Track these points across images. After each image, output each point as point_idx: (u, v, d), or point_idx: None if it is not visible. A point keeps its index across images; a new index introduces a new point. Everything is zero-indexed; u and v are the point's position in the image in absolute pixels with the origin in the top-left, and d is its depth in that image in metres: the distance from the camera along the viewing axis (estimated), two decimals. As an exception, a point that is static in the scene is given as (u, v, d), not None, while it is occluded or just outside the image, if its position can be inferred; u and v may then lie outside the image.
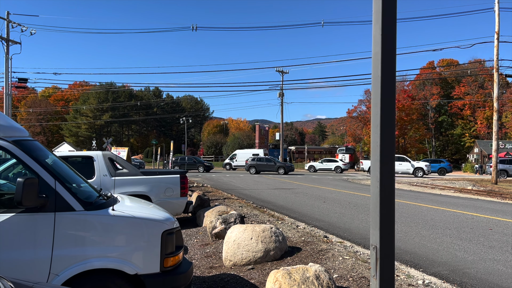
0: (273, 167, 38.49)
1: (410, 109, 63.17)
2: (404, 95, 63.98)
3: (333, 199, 16.02)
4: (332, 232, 9.06)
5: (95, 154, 8.89)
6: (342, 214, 11.93)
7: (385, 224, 1.94)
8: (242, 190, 19.68)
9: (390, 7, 1.92)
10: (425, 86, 71.92)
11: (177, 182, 9.27)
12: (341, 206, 13.82)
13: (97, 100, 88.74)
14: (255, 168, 38.37)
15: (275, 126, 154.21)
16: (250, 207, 12.43)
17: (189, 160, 43.68)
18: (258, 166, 38.64)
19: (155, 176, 9.21)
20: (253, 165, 38.70)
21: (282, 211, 12.22)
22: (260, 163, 38.94)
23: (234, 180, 28.27)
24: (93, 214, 3.58)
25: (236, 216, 8.32)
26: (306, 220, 10.59)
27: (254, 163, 38.96)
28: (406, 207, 13.89)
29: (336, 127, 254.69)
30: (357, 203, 14.92)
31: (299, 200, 15.75)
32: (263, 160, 39.27)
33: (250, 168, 38.74)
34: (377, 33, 2.01)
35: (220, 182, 25.31)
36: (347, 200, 15.70)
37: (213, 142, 78.63)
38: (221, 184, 23.94)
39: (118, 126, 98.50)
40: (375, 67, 2.06)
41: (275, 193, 18.68)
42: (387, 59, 2.01)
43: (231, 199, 14.50)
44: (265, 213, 11.16)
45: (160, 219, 3.84)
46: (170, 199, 9.08)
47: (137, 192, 8.64)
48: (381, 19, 1.95)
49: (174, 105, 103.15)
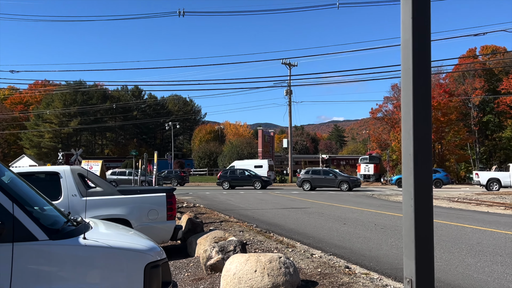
0: (334, 182, 37.78)
1: (447, 108, 62.91)
2: (440, 91, 63.58)
3: (355, 220, 15.99)
4: (355, 261, 9.02)
5: (62, 169, 8.89)
6: (367, 239, 11.90)
7: (422, 252, 1.92)
8: (242, 211, 19.68)
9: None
10: (465, 79, 71.78)
11: (162, 202, 9.26)
12: (365, 229, 13.77)
13: (64, 103, 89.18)
14: (310, 184, 37.84)
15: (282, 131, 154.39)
16: (253, 231, 12.40)
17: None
18: (314, 180, 38.11)
19: (135, 196, 9.21)
20: (308, 180, 38.14)
21: (292, 236, 12.20)
22: (317, 176, 38.36)
23: (232, 198, 28.27)
24: (60, 244, 3.56)
25: (236, 243, 8.30)
26: (322, 247, 10.56)
27: (309, 176, 38.34)
28: (446, 228, 13.84)
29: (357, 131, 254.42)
30: (386, 224, 14.88)
31: (313, 221, 15.72)
32: (320, 173, 38.78)
33: (303, 183, 38.17)
34: (406, 15, 2.01)
35: (215, 201, 25.29)
36: (372, 221, 15.67)
37: (206, 151, 78.69)
38: (217, 203, 23.93)
39: (89, 134, 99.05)
40: (405, 57, 2.07)
41: (283, 213, 18.67)
42: (420, 47, 2.01)
43: (230, 222, 14.49)
44: (272, 239, 11.14)
45: (142, 249, 3.83)
46: (154, 223, 9.08)
47: (114, 215, 8.64)
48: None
49: (158, 108, 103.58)
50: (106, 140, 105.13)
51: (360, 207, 21.43)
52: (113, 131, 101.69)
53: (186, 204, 22.11)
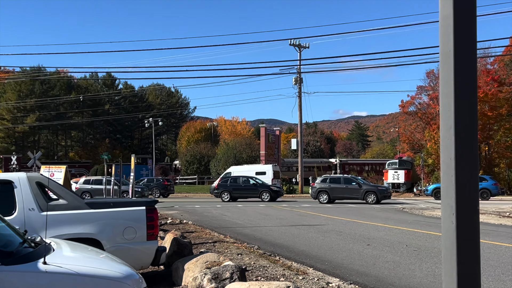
0: (357, 192, 37.53)
1: (496, 100, 62.52)
2: (487, 78, 63.31)
3: (381, 240, 15.98)
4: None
5: (16, 177, 8.87)
6: (397, 264, 11.88)
7: (467, 280, 1.92)
8: (241, 229, 19.68)
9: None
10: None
11: (141, 218, 9.23)
12: (394, 251, 13.76)
13: (18, 95, 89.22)
14: (328, 194, 37.62)
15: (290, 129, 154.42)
16: (255, 254, 12.40)
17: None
18: (333, 190, 37.85)
19: (108, 210, 9.18)
20: (325, 190, 37.94)
21: (303, 260, 12.20)
22: (337, 186, 38.10)
23: (228, 212, 28.29)
24: (14, 270, 3.54)
25: (233, 269, 8.29)
26: (341, 274, 10.56)
27: (326, 186, 38.12)
28: (496, 250, 13.81)
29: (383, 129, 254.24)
30: (420, 245, 14.88)
31: (329, 242, 15.72)
32: (340, 182, 38.54)
33: (319, 193, 38.00)
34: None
35: (207, 217, 25.30)
36: (402, 241, 15.67)
37: (196, 154, 78.86)
38: (209, 219, 23.93)
39: (50, 133, 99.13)
40: (444, 37, 2.06)
41: (291, 231, 18.68)
42: (463, 24, 2.00)
43: (225, 243, 14.50)
44: (278, 264, 11.14)
45: (117, 276, 3.82)
46: (131, 244, 9.05)
47: (81, 234, 8.61)
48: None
49: (135, 100, 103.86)
50: (71, 140, 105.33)
51: (387, 224, 21.42)
52: (79, 130, 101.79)
53: (171, 220, 22.10)
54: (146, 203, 9.56)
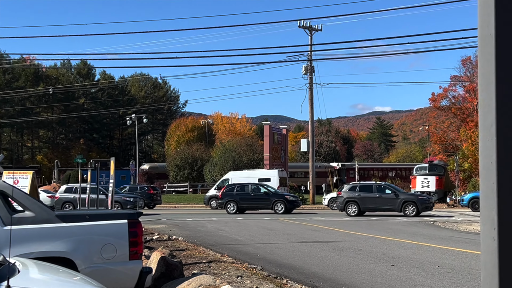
0: (394, 203, 37.40)
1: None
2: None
3: (408, 260, 15.99)
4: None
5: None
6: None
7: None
8: (241, 246, 19.71)
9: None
10: None
11: (123, 233, 9.19)
12: (423, 273, 13.77)
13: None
14: (358, 205, 37.55)
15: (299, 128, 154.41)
16: (258, 276, 12.38)
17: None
18: (364, 200, 37.76)
19: (83, 224, 9.16)
20: (355, 200, 37.86)
21: (315, 284, 12.21)
22: (369, 195, 38.00)
23: (226, 227, 28.36)
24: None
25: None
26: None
27: (355, 195, 38.03)
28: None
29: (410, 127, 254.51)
30: (454, 266, 14.90)
31: (346, 262, 15.72)
32: (372, 190, 38.47)
33: (348, 204, 37.90)
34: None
35: (201, 232, 25.36)
36: (434, 261, 15.68)
37: (187, 158, 78.83)
38: (203, 234, 23.99)
39: (13, 132, 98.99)
40: (483, 18, 2.07)
41: (301, 249, 18.69)
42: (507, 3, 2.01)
43: (222, 263, 14.44)
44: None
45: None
46: (111, 264, 9.02)
47: (52, 252, 8.58)
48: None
49: (115, 93, 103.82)
50: (39, 141, 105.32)
51: (415, 240, 21.36)
52: (49, 128, 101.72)
53: (157, 236, 22.08)
54: (129, 215, 9.54)
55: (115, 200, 39.23)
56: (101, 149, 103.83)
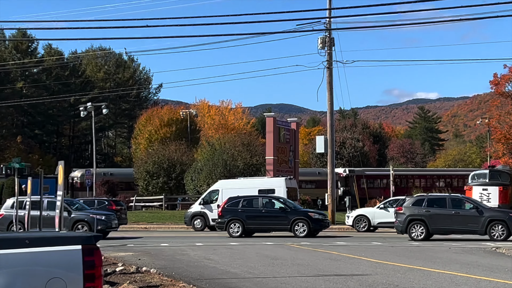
0: (476, 222, 37.35)
1: None
2: None
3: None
4: None
5: None
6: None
7: None
8: (236, 281, 19.69)
9: None
10: None
11: (75, 264, 9.09)
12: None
13: None
14: (426, 225, 37.59)
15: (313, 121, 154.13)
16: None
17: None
18: (435, 219, 37.85)
19: (22, 251, 9.09)
20: (421, 218, 38.04)
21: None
22: (441, 211, 38.20)
23: (215, 255, 28.32)
24: None
25: None
26: None
27: (422, 211, 38.09)
28: None
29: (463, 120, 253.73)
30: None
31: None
32: (445, 205, 38.67)
33: (412, 224, 38.07)
34: None
35: (181, 261, 25.35)
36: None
37: (162, 162, 78.58)
38: (185, 265, 23.94)
39: None
40: None
41: (316, 286, 18.61)
42: None
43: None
44: None
45: None
46: (57, 307, 8.93)
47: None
48: None
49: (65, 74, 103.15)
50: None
51: (472, 274, 21.18)
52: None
53: (122, 267, 21.95)
54: (83, 239, 9.41)
55: (81, 218, 39.80)
56: (46, 149, 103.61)
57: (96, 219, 39.94)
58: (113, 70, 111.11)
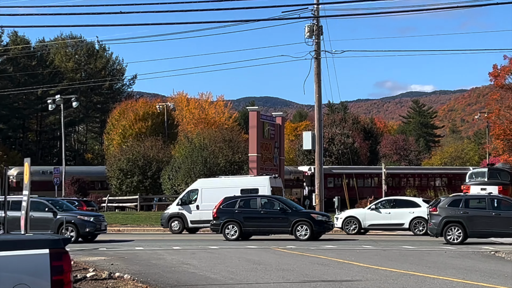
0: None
1: None
2: None
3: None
4: None
5: None
6: None
7: None
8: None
9: None
10: None
11: (42, 269, 8.99)
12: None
13: None
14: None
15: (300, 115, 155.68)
16: None
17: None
18: (473, 221, 38.20)
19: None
20: (459, 220, 38.21)
21: None
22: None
23: (194, 259, 28.51)
24: None
25: None
26: None
27: (460, 213, 38.38)
28: None
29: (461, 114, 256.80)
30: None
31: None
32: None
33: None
34: None
35: (157, 266, 25.52)
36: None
37: (136, 158, 78.67)
38: (161, 270, 24.15)
39: None
40: None
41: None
42: None
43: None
44: None
45: None
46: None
47: None
48: None
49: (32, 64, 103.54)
50: None
51: (470, 280, 21.46)
52: None
53: (93, 272, 22.05)
54: (51, 242, 9.40)
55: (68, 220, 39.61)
56: (11, 145, 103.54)
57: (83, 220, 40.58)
58: (84, 60, 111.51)
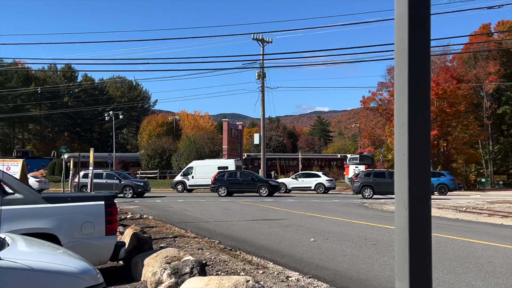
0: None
1: (455, 96, 63.35)
2: (446, 75, 64.18)
3: (340, 235, 16.16)
4: (340, 285, 9.12)
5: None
6: (355, 257, 12.03)
7: (418, 273, 1.95)
8: (202, 223, 19.61)
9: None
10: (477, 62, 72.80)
11: (100, 213, 9.09)
12: (353, 245, 13.93)
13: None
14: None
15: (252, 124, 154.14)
16: (216, 249, 12.38)
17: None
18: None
19: (66, 204, 9.03)
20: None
21: (264, 255, 12.25)
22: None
23: (190, 207, 28.16)
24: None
25: (193, 263, 8.27)
26: (300, 268, 10.62)
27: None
28: (451, 244, 14.08)
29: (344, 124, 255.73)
30: (378, 239, 15.10)
31: (289, 236, 15.81)
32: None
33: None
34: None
35: (168, 212, 25.16)
36: (361, 235, 15.88)
37: (157, 149, 78.04)
38: (170, 214, 23.80)
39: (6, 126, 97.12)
40: (399, 35, 2.11)
41: (253, 226, 18.71)
42: (417, 22, 2.05)
43: (186, 238, 14.41)
44: (239, 258, 11.13)
45: (73, 271, 3.76)
46: (89, 239, 8.92)
47: (38, 229, 8.42)
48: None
49: (95, 93, 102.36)
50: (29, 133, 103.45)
51: (347, 218, 21.59)
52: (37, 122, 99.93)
53: (130, 215, 21.82)
54: (105, 198, 9.38)
55: (127, 184, 40.33)
56: (83, 141, 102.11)
57: (137, 185, 40.74)
58: (126, 90, 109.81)
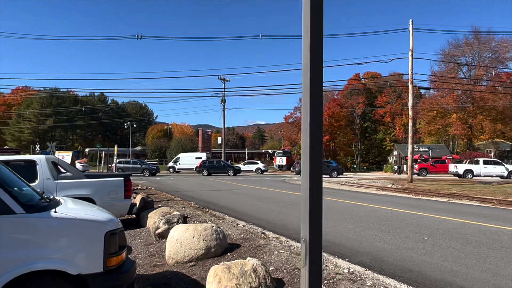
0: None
1: (339, 116, 65.47)
2: (334, 103, 66.41)
3: (270, 199, 16.22)
4: (269, 228, 9.16)
5: (38, 158, 8.40)
6: (279, 212, 12.12)
7: (314, 219, 2.00)
8: (185, 192, 19.38)
9: (317, 24, 2.00)
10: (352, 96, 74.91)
11: (121, 185, 8.92)
12: (277, 205, 14.03)
13: (41, 105, 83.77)
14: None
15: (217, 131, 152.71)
16: (193, 208, 12.31)
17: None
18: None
19: (99, 179, 8.84)
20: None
21: (223, 211, 12.18)
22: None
23: (178, 182, 27.74)
24: (34, 216, 3.43)
25: (179, 216, 8.20)
26: (245, 219, 10.64)
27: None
28: (336, 204, 14.39)
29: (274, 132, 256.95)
30: (292, 201, 15.20)
31: (239, 200, 15.81)
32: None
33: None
34: (306, 46, 2.08)
35: (164, 185, 24.78)
36: (283, 199, 15.94)
37: (157, 146, 76.78)
38: (165, 186, 23.45)
39: (62, 130, 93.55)
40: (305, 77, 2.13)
41: (217, 194, 18.58)
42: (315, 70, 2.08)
43: (175, 201, 14.28)
44: (207, 213, 11.11)
45: (103, 220, 3.72)
46: (114, 201, 8.74)
47: (81, 195, 8.21)
48: (310, 34, 2.03)
49: (119, 110, 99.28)
50: (76, 135, 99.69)
51: (275, 189, 21.58)
52: (82, 129, 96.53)
53: (140, 187, 21.47)
54: (124, 175, 9.20)
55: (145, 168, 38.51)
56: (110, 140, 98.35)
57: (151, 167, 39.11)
58: (138, 109, 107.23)
